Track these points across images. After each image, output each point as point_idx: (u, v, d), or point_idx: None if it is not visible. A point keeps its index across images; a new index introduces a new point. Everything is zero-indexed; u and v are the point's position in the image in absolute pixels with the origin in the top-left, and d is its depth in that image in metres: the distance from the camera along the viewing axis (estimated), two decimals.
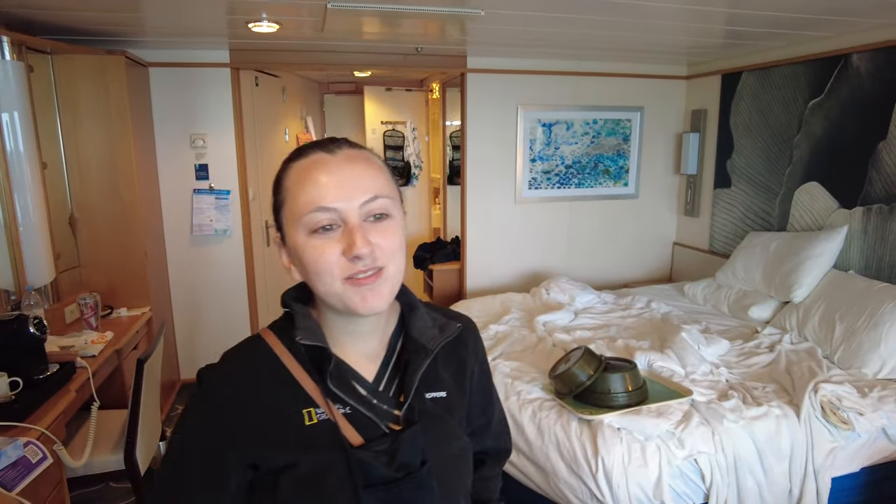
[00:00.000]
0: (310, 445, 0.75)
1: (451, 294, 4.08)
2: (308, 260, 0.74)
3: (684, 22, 2.73)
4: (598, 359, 2.11)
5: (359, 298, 0.74)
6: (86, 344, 2.37)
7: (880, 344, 2.39)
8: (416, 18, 2.57)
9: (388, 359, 0.85)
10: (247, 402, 0.77)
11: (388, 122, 5.09)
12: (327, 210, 0.73)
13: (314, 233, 0.73)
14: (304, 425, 0.76)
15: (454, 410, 0.87)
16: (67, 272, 2.78)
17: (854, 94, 2.90)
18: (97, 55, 2.75)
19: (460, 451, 0.85)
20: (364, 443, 0.77)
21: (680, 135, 4.15)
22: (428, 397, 0.84)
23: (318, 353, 0.78)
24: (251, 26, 2.67)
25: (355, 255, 0.72)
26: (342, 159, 0.76)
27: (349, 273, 0.74)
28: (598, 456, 1.86)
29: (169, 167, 3.37)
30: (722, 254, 3.84)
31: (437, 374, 0.86)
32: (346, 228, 0.73)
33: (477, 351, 0.94)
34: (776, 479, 2.03)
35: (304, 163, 0.76)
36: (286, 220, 0.77)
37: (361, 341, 0.83)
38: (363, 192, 0.74)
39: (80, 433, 2.21)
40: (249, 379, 0.79)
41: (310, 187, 0.74)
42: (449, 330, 0.85)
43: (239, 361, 0.81)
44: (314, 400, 0.78)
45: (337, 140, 0.79)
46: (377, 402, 0.81)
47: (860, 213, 2.89)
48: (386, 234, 0.75)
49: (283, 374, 0.78)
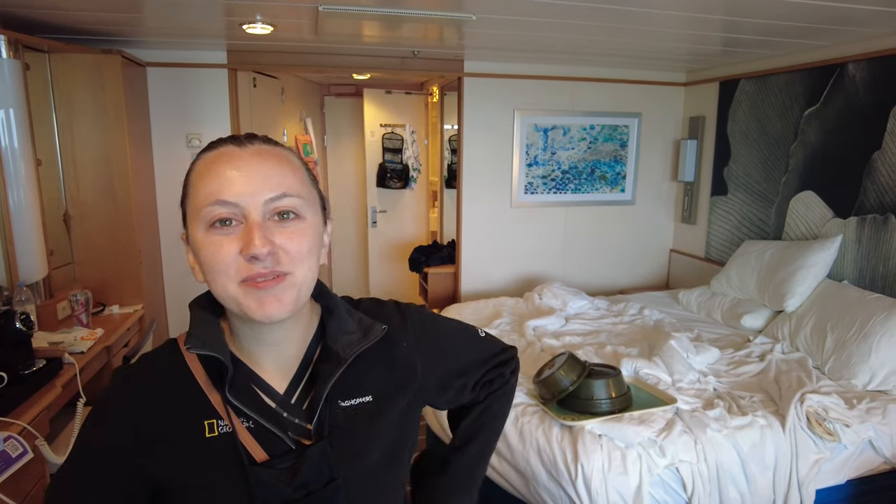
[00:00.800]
0: (208, 460, 0.73)
1: (445, 297, 4.09)
2: (204, 257, 0.69)
3: (682, 29, 2.73)
4: (582, 364, 2.10)
5: (255, 303, 0.69)
6: (75, 340, 2.38)
7: (870, 355, 2.37)
8: (408, 22, 2.58)
9: (305, 368, 0.80)
10: (149, 410, 0.74)
11: (387, 125, 5.10)
12: (226, 204, 0.68)
13: (212, 227, 0.68)
14: (205, 437, 0.73)
15: (389, 409, 0.81)
16: (61, 269, 2.80)
17: (849, 103, 2.88)
18: (94, 54, 2.77)
19: (381, 462, 0.80)
20: (268, 459, 0.73)
21: (677, 142, 4.14)
22: (344, 406, 0.78)
23: (218, 362, 0.74)
24: (245, 28, 2.69)
25: (252, 254, 0.66)
26: (251, 153, 0.71)
27: (246, 275, 0.68)
28: (578, 462, 1.85)
29: (165, 166, 3.39)
30: (718, 261, 3.83)
31: (359, 379, 0.80)
32: (247, 225, 0.68)
33: (409, 338, 0.87)
34: (759, 490, 2.02)
35: (212, 155, 0.71)
36: (188, 213, 0.72)
37: (273, 350, 0.77)
38: (269, 188, 0.69)
39: (66, 429, 2.22)
40: (156, 385, 0.76)
41: (212, 179, 0.69)
42: (372, 333, 0.80)
43: (149, 366, 0.79)
44: (218, 412, 0.74)
45: (253, 135, 0.75)
46: (287, 416, 0.76)
47: (854, 223, 2.88)
48: (293, 236, 0.70)
49: (189, 383, 0.75)
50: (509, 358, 1.02)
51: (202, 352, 0.72)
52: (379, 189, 5.15)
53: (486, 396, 0.99)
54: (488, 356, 0.99)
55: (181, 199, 0.75)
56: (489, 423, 1.00)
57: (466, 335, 0.99)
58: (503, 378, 1.01)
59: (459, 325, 1.00)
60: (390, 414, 0.82)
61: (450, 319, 1.00)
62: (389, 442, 0.82)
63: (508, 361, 1.02)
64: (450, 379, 0.93)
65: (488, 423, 1.00)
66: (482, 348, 0.99)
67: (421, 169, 5.30)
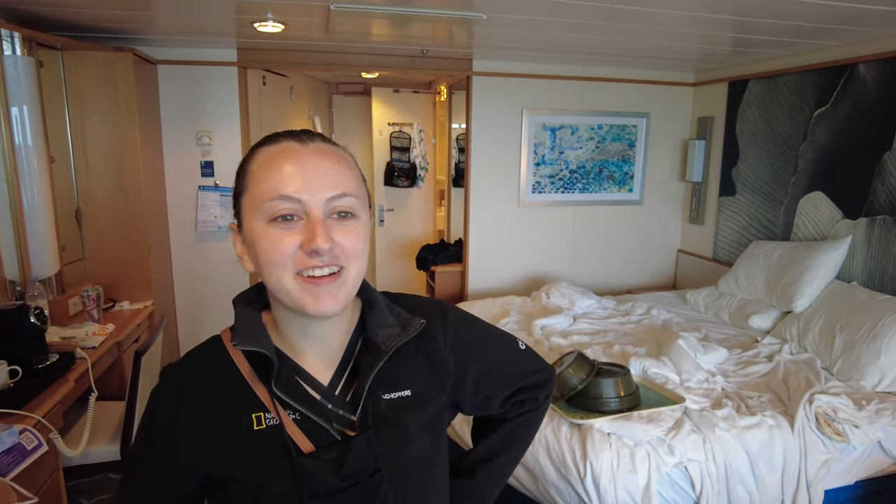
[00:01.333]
0: (256, 452, 0.74)
1: (452, 296, 4.09)
2: (262, 249, 0.71)
3: (691, 29, 2.73)
4: (591, 363, 2.11)
5: (311, 298, 0.71)
6: (87, 335, 2.40)
7: (880, 356, 2.37)
8: (419, 21, 2.59)
9: (347, 361, 0.81)
10: (198, 405, 0.76)
11: (395, 124, 5.11)
12: (290, 199, 0.70)
13: (273, 221, 0.70)
14: (253, 430, 0.74)
15: (426, 406, 0.82)
16: (72, 265, 2.82)
17: (860, 103, 2.88)
18: (106, 52, 2.80)
19: (423, 454, 0.81)
20: (314, 450, 0.74)
21: (686, 142, 4.14)
22: (386, 398, 0.80)
23: (263, 356, 0.75)
24: (257, 26, 2.70)
25: (314, 248, 0.69)
26: (313, 151, 0.73)
27: (303, 267, 0.70)
28: (587, 460, 1.86)
29: (175, 164, 3.42)
30: (726, 262, 3.82)
31: (399, 372, 0.82)
32: (309, 221, 0.70)
33: (447, 336, 0.88)
34: (768, 490, 2.02)
35: (273, 149, 0.73)
36: (245, 205, 0.73)
37: (318, 343, 0.79)
38: (331, 187, 0.71)
39: (79, 423, 2.24)
40: (204, 381, 0.78)
41: (275, 174, 0.71)
42: (411, 327, 0.81)
43: (196, 362, 0.80)
44: (265, 405, 0.75)
45: (311, 132, 0.76)
46: (332, 407, 0.78)
47: (864, 224, 2.87)
48: (349, 234, 0.72)
49: (236, 378, 0.77)
50: (546, 380, 1.00)
51: (249, 348, 0.74)
52: (386, 187, 5.17)
53: (514, 416, 0.98)
54: (525, 371, 0.97)
55: (235, 190, 0.76)
56: (514, 444, 0.99)
57: (505, 343, 0.97)
58: (535, 402, 0.99)
59: (500, 333, 0.99)
60: (429, 409, 0.83)
61: (490, 325, 0.98)
62: (429, 437, 0.82)
63: (544, 384, 1.00)
64: (482, 383, 0.91)
65: (513, 444, 0.99)
66: (520, 361, 0.97)
67: (428, 168, 5.31)
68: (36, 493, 1.70)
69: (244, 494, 0.74)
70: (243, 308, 0.80)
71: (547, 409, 1.03)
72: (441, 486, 0.85)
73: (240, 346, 0.74)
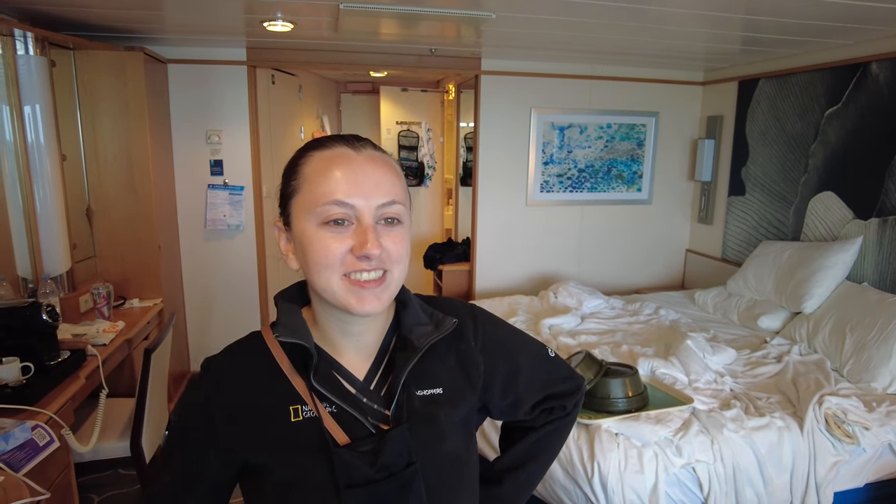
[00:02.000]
0: (294, 443, 0.76)
1: (459, 295, 4.10)
2: (313, 251, 0.74)
3: (701, 28, 2.71)
4: (599, 363, 2.10)
5: (356, 299, 0.74)
6: (97, 333, 2.42)
7: (891, 358, 2.35)
8: (428, 20, 2.59)
9: (381, 357, 0.84)
10: (237, 397, 0.78)
11: (403, 123, 5.12)
12: (343, 205, 0.73)
13: (325, 224, 0.73)
14: (290, 422, 0.77)
15: (458, 405, 0.84)
16: (83, 262, 2.85)
17: (872, 103, 2.85)
18: (117, 51, 2.82)
19: (455, 452, 0.82)
20: (350, 442, 0.77)
21: (695, 141, 4.12)
22: (419, 395, 0.82)
23: (303, 350, 0.78)
24: (266, 25, 2.71)
25: (365, 253, 0.72)
26: (365, 158, 0.76)
27: (351, 269, 0.74)
28: (595, 461, 1.86)
29: (184, 162, 3.44)
30: (735, 262, 3.80)
31: (432, 370, 0.84)
32: (360, 227, 0.73)
33: (477, 337, 0.90)
34: (776, 491, 2.01)
35: (328, 154, 0.76)
36: (297, 206, 0.76)
37: (356, 340, 0.82)
38: (382, 194, 0.74)
39: (89, 419, 2.26)
40: (243, 373, 0.80)
41: (329, 179, 0.73)
42: (444, 326, 0.84)
43: (236, 355, 0.83)
44: (302, 397, 0.78)
45: (361, 138, 0.79)
46: (367, 401, 0.80)
47: (876, 225, 2.85)
48: (396, 239, 0.76)
49: (275, 371, 0.79)
50: (574, 389, 1.00)
51: (290, 340, 0.77)
52: None
53: (542, 424, 0.99)
54: (554, 378, 0.98)
55: (283, 189, 0.79)
56: (541, 453, 1.00)
57: (535, 349, 0.98)
58: (564, 410, 0.99)
59: (529, 338, 1.00)
60: (460, 408, 0.85)
61: (520, 330, 1.00)
62: (461, 436, 0.84)
63: (573, 393, 1.00)
64: (511, 386, 0.92)
65: (541, 453, 1.00)
66: (549, 367, 0.98)
67: (436, 166, 5.32)
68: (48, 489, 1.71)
69: (280, 484, 0.76)
70: (285, 304, 0.84)
71: (575, 418, 1.03)
72: (471, 486, 0.86)
73: (282, 338, 0.77)
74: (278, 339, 0.78)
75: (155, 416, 2.26)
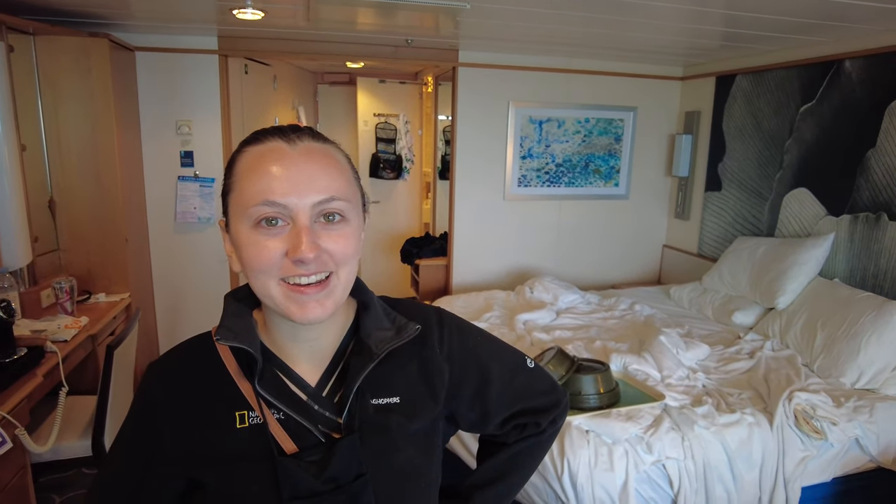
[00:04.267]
0: (238, 451, 0.73)
1: (436, 289, 4.07)
2: (248, 255, 0.69)
3: (680, 22, 2.70)
4: (571, 359, 2.09)
5: (297, 307, 0.69)
6: (58, 329, 2.35)
7: (859, 354, 2.37)
8: (402, 10, 2.54)
9: (337, 362, 0.79)
10: (181, 402, 0.75)
11: (380, 115, 5.05)
12: (274, 205, 0.67)
13: (258, 226, 0.68)
14: (236, 428, 0.74)
15: (415, 415, 0.79)
16: (46, 256, 2.76)
17: (845, 100, 2.87)
18: (80, 37, 2.72)
19: (411, 463, 0.78)
20: (297, 451, 0.73)
21: (672, 136, 4.12)
22: (374, 403, 0.77)
23: (249, 354, 0.74)
24: (236, 13, 2.64)
25: (299, 258, 0.67)
26: (301, 152, 0.70)
27: (288, 274, 0.69)
28: (565, 458, 1.84)
29: (154, 153, 3.35)
30: (711, 257, 3.82)
31: (389, 378, 0.79)
32: (294, 228, 0.68)
33: (443, 343, 0.85)
34: (746, 487, 2.01)
35: (259, 149, 0.71)
36: (232, 206, 0.72)
37: (308, 345, 0.78)
38: (318, 191, 0.69)
39: (49, 419, 2.19)
40: (188, 377, 0.77)
41: (260, 177, 0.68)
42: (406, 332, 0.79)
43: (182, 358, 0.80)
44: (249, 403, 0.74)
45: (299, 129, 0.73)
46: (318, 409, 0.76)
47: (847, 221, 2.87)
48: (338, 239, 0.70)
49: (222, 375, 0.76)
50: (551, 405, 0.93)
51: (232, 343, 0.72)
52: (371, 179, 5.11)
53: (515, 441, 0.93)
54: (530, 392, 0.92)
55: (223, 190, 0.74)
56: (513, 472, 0.94)
57: (510, 359, 0.92)
58: (537, 427, 0.93)
59: (506, 347, 0.94)
60: (418, 419, 0.80)
61: (496, 338, 0.94)
62: (418, 448, 0.80)
63: (549, 409, 0.93)
64: (479, 398, 0.87)
65: (512, 472, 0.94)
66: (525, 379, 0.92)
67: (414, 160, 5.27)
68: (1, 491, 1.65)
69: (223, 494, 0.72)
70: (233, 304, 0.79)
71: (554, 436, 0.96)
72: (430, 497, 0.82)
73: (222, 342, 0.72)
74: (219, 343, 0.74)
75: (118, 413, 2.20)
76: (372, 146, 5.07)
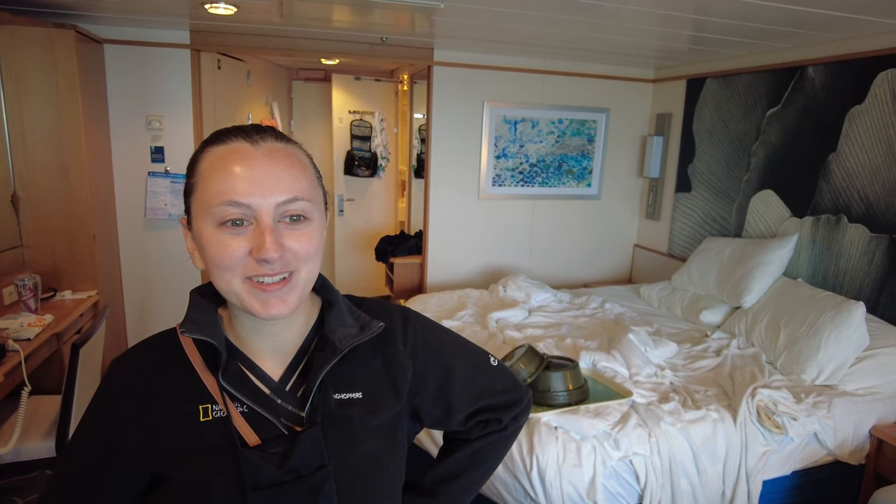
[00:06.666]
0: (201, 444, 0.74)
1: (411, 288, 4.07)
2: (210, 253, 0.71)
3: (651, 25, 2.74)
4: (541, 357, 2.12)
5: (259, 303, 0.71)
6: (21, 327, 2.29)
7: (819, 351, 2.45)
8: (376, 8, 2.53)
9: (300, 357, 0.81)
10: (143, 397, 0.75)
11: (356, 112, 5.03)
12: (238, 205, 0.69)
13: (222, 226, 0.70)
14: (199, 421, 0.75)
15: (378, 411, 0.81)
16: (8, 252, 2.69)
17: (808, 105, 2.95)
18: (45, 28, 2.65)
19: (372, 455, 0.79)
20: (260, 443, 0.75)
21: (644, 138, 4.19)
22: (336, 398, 0.79)
23: (213, 348, 0.75)
24: (208, 7, 2.60)
25: (263, 258, 0.69)
26: (264, 153, 0.71)
27: (252, 273, 0.70)
28: (533, 454, 1.87)
29: (123, 148, 3.28)
30: (680, 257, 3.90)
31: (352, 374, 0.81)
32: (258, 228, 0.70)
33: (407, 340, 0.87)
34: (710, 482, 2.07)
35: (222, 150, 0.72)
36: (195, 205, 0.73)
37: (271, 340, 0.79)
38: (282, 191, 0.70)
39: (10, 419, 2.14)
40: (151, 372, 0.77)
41: (223, 178, 0.69)
42: (370, 329, 0.81)
43: (145, 354, 0.80)
44: (213, 396, 0.75)
45: (262, 130, 0.74)
46: (281, 402, 0.78)
47: (809, 223, 2.96)
48: (301, 238, 0.72)
49: (185, 369, 0.77)
50: (513, 402, 0.96)
51: (196, 336, 0.74)
52: (346, 177, 5.09)
53: (478, 437, 0.95)
54: (492, 389, 0.94)
55: (185, 189, 0.75)
56: (475, 467, 0.96)
57: (473, 357, 0.94)
58: (500, 423, 0.95)
59: (469, 345, 0.96)
60: (380, 414, 0.82)
61: (460, 337, 0.96)
62: (380, 441, 0.81)
63: (511, 406, 0.95)
64: (442, 394, 0.89)
65: (474, 467, 0.96)
66: (488, 377, 0.94)
67: (390, 157, 5.25)
68: None
69: (187, 486, 0.73)
70: (198, 299, 0.81)
71: (516, 433, 0.99)
72: (392, 490, 0.83)
73: (187, 334, 0.74)
74: (182, 335, 0.75)
75: None
76: (347, 143, 5.05)
